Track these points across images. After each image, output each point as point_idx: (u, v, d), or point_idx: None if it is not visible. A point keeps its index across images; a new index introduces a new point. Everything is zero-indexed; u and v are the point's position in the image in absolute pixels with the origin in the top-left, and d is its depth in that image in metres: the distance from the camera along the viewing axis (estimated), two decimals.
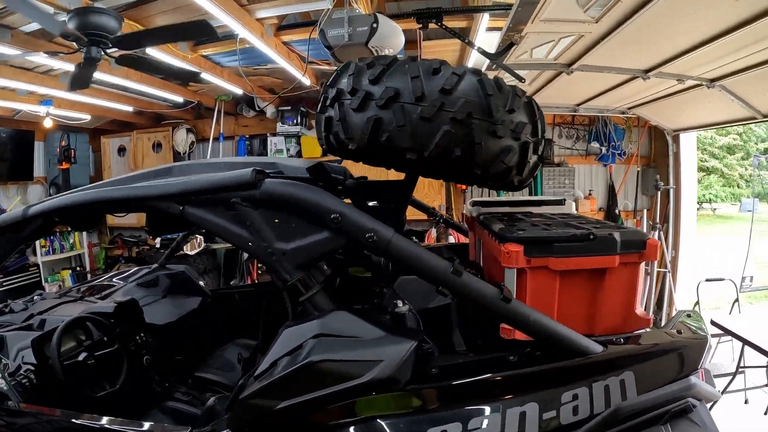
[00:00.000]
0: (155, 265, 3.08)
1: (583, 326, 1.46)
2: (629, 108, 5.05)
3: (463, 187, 5.58)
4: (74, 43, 2.88)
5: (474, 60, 3.86)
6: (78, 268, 5.67)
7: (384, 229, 1.18)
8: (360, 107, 1.40)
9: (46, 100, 4.75)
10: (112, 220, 6.14)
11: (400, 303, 1.27)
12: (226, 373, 2.57)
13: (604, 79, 3.87)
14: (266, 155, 5.76)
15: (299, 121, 5.64)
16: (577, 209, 4.39)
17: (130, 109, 5.21)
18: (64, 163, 5.44)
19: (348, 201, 1.62)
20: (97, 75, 3.87)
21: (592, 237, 1.48)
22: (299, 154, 5.76)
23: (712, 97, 3.88)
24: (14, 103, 4.71)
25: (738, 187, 15.41)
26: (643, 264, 1.60)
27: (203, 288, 3.01)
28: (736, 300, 4.56)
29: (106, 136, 6.23)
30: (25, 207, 1.64)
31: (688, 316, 1.66)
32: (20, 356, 1.84)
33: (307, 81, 4.31)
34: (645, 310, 1.61)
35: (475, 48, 2.52)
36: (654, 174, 5.69)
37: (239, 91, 4.71)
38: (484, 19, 2.79)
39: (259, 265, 5.73)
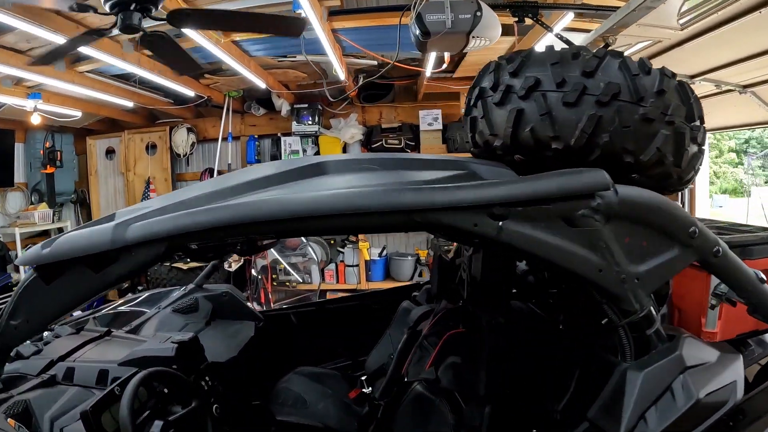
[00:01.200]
0: (191, 286, 2.75)
1: None
2: None
3: None
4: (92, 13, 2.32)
5: None
6: None
7: (722, 241, 1.11)
8: (575, 102, 1.34)
9: (34, 93, 4.30)
10: None
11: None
12: (302, 410, 2.30)
13: None
14: (279, 156, 5.55)
15: (316, 120, 5.48)
16: None
17: (129, 104, 4.81)
18: (48, 166, 4.99)
19: None
20: (106, 58, 3.43)
21: None
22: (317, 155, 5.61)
23: (740, 101, 4.16)
24: None
25: (710, 183, 16.68)
26: None
27: (253, 310, 2.76)
28: None
29: (92, 137, 5.75)
30: (114, 225, 1.10)
31: None
32: (57, 430, 1.39)
33: (342, 75, 4.18)
34: None
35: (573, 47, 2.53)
36: None
37: (263, 85, 4.48)
38: (567, 18, 2.79)
39: (274, 276, 5.50)
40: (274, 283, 5.52)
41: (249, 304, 2.92)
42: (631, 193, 1.09)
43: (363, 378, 2.41)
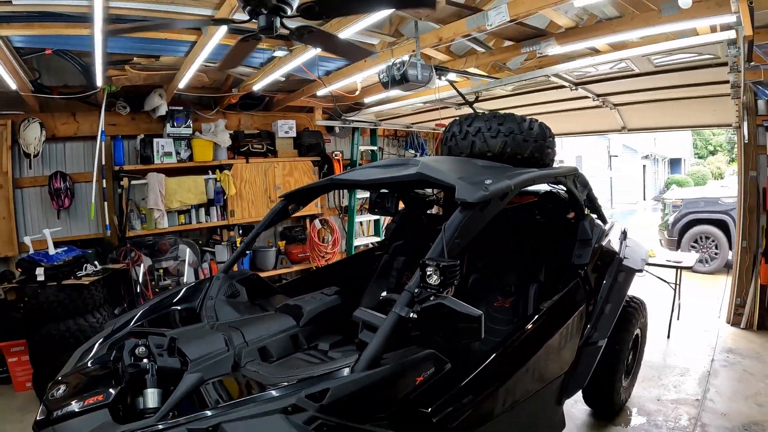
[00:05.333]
0: (221, 274, 3.17)
1: None
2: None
3: None
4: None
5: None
6: None
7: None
8: (527, 140, 3.52)
9: None
10: None
11: None
12: None
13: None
14: (153, 158, 5.94)
15: (188, 123, 6.15)
16: None
17: (13, 85, 4.38)
18: None
19: None
20: None
21: None
22: (191, 158, 6.25)
23: None
24: None
25: None
26: None
27: (274, 286, 3.45)
28: None
29: None
30: (507, 180, 2.59)
31: None
32: None
33: (260, 86, 5.34)
34: None
35: (466, 99, 4.84)
36: None
37: (182, 85, 5.06)
38: (449, 76, 5.07)
39: (153, 283, 5.87)
40: (156, 290, 5.93)
41: None
42: (581, 172, 3.40)
43: None
